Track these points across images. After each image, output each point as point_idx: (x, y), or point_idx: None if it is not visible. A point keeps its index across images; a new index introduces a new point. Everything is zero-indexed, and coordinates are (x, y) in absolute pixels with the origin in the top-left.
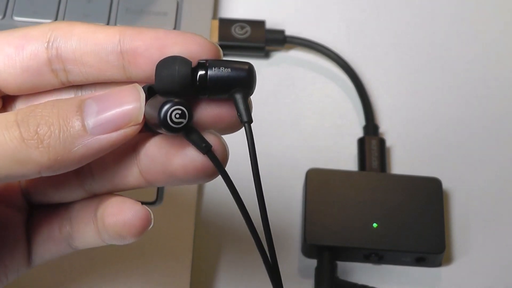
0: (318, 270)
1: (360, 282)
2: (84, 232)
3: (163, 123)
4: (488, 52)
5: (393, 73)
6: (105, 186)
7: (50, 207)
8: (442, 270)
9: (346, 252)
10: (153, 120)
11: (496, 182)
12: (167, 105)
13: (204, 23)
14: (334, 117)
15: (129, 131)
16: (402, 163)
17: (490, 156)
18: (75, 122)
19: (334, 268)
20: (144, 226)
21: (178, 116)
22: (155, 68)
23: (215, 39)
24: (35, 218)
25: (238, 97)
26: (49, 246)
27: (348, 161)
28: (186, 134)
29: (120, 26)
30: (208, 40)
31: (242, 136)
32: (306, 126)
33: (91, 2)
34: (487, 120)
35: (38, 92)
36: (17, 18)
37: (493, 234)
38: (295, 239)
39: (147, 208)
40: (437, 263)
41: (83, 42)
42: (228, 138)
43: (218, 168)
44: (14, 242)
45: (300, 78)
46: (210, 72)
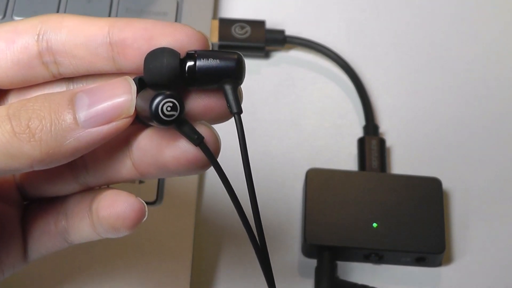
0: (318, 270)
1: (360, 282)
2: (79, 226)
3: (155, 116)
4: (488, 52)
5: (393, 73)
6: (99, 179)
7: (45, 202)
8: (442, 270)
9: (346, 252)
10: (144, 112)
11: (496, 182)
12: (158, 98)
13: (204, 23)
14: (334, 117)
15: (120, 124)
16: (402, 163)
17: (490, 156)
18: (67, 115)
19: (334, 268)
20: (138, 218)
21: (169, 108)
22: (144, 60)
23: (215, 39)
24: (30, 213)
25: (228, 87)
26: (44, 240)
27: (348, 161)
28: (178, 126)
29: (109, 18)
30: (196, 30)
31: (234, 127)
32: (306, 126)
33: (91, 2)
34: (487, 120)
35: (30, 85)
36: (17, 18)
37: (493, 234)
38: (295, 239)
39: (141, 200)
40: (437, 263)
41: (73, 34)
42: (220, 129)
43: (210, 159)
44: (9, 237)
45: (300, 78)
46: (198, 63)
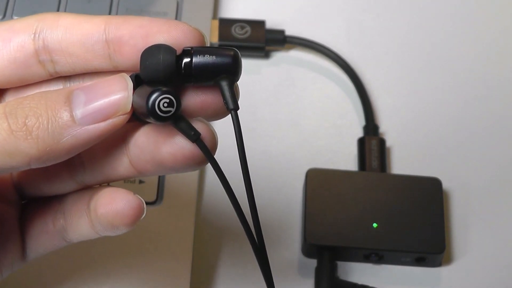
0: (318, 270)
1: (360, 282)
2: (77, 224)
3: (151, 113)
4: (488, 52)
5: (393, 73)
6: (96, 177)
7: (43, 201)
8: (442, 270)
9: (346, 252)
10: (141, 109)
11: (496, 182)
12: (155, 94)
13: (204, 23)
14: (334, 117)
15: (117, 121)
16: (402, 163)
17: (490, 156)
18: (63, 113)
19: (334, 268)
20: (136, 215)
21: (166, 105)
22: (140, 57)
23: (215, 39)
24: (28, 212)
25: (224, 84)
26: (43, 239)
27: (348, 161)
28: (175, 123)
29: (105, 16)
30: (192, 27)
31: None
32: (306, 126)
33: (91, 2)
34: (487, 120)
35: (27, 84)
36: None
37: (493, 234)
38: (295, 239)
39: (140, 197)
40: (437, 263)
41: (69, 32)
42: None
43: (207, 155)
44: (7, 237)
45: (300, 78)
46: (195, 59)
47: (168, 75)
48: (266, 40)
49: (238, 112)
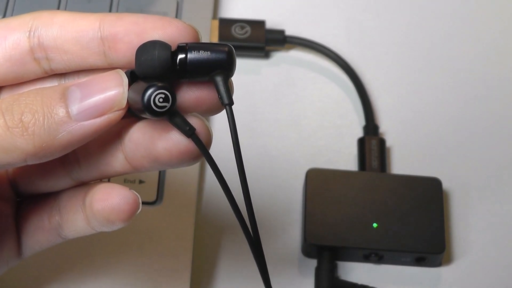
0: (318, 270)
1: (360, 282)
2: (73, 220)
3: (147, 108)
4: (488, 52)
5: (393, 73)
6: (91, 173)
7: (39, 197)
8: (442, 270)
9: (346, 252)
10: (136, 104)
11: (496, 182)
12: (150, 89)
13: (204, 23)
14: (334, 117)
15: (113, 117)
16: (402, 163)
17: (490, 156)
18: (59, 109)
19: (334, 268)
20: (132, 210)
21: (161, 100)
22: (135, 53)
23: (215, 39)
24: (24, 209)
25: (219, 79)
26: (38, 236)
27: (348, 161)
28: (170, 118)
29: (100, 13)
30: (187, 23)
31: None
32: (306, 126)
33: (91, 2)
34: (487, 120)
35: (22, 82)
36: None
37: (493, 234)
38: (295, 239)
39: (135, 192)
40: (437, 263)
41: (64, 29)
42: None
43: (202, 151)
44: (3, 234)
45: (300, 78)
46: (189, 55)
47: (163, 71)
48: (266, 40)
49: (233, 107)
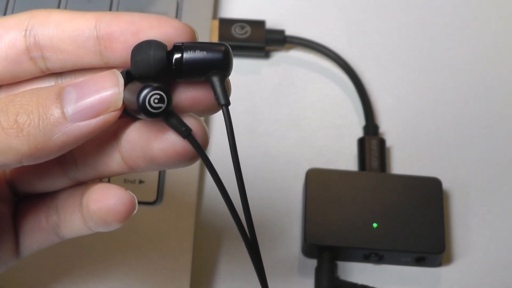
0: (318, 270)
1: (360, 282)
2: (70, 220)
3: (142, 109)
4: (488, 52)
5: (393, 73)
6: (88, 173)
7: (36, 197)
8: (442, 270)
9: (346, 252)
10: (132, 105)
11: (496, 182)
12: (145, 90)
13: (204, 23)
14: (334, 117)
15: (108, 117)
16: (402, 163)
17: (490, 156)
18: (54, 109)
19: (334, 268)
20: (128, 211)
21: (156, 101)
22: (131, 53)
23: (215, 39)
24: (22, 209)
25: (215, 79)
26: (36, 236)
27: (348, 161)
28: (166, 119)
29: (96, 12)
30: (183, 23)
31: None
32: (306, 126)
33: (91, 2)
34: (487, 120)
35: (18, 81)
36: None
37: (493, 234)
38: (295, 239)
39: (131, 193)
40: (437, 263)
41: (60, 29)
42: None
43: (199, 151)
44: (0, 234)
45: (300, 78)
46: (185, 55)
47: (159, 71)
48: (266, 40)
49: (232, 107)
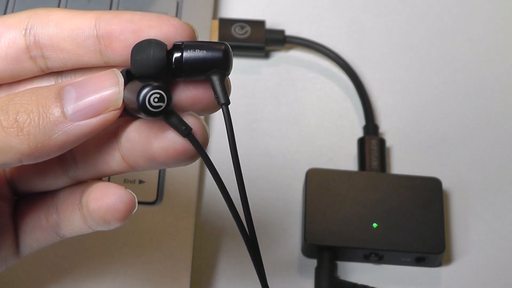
0: (318, 270)
1: (360, 282)
2: (70, 219)
3: (142, 108)
4: (488, 52)
5: (393, 73)
6: (88, 172)
7: (36, 196)
8: (442, 270)
9: (346, 252)
10: (132, 104)
11: (496, 182)
12: (145, 89)
13: (204, 23)
14: (334, 117)
15: (108, 116)
16: (402, 163)
17: (490, 156)
18: (54, 109)
19: (334, 268)
20: (128, 210)
21: (156, 100)
22: (131, 52)
23: (215, 39)
24: (22, 208)
25: (215, 78)
26: (36, 235)
27: (348, 161)
28: (166, 118)
29: (96, 11)
30: (183, 22)
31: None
32: (306, 126)
33: (91, 1)
34: (487, 120)
35: (18, 80)
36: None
37: (493, 234)
38: (295, 239)
39: (131, 192)
40: (437, 263)
41: (60, 27)
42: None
43: (199, 150)
44: (0, 232)
45: (300, 78)
46: (185, 54)
47: (159, 70)
48: (266, 40)
49: (232, 107)
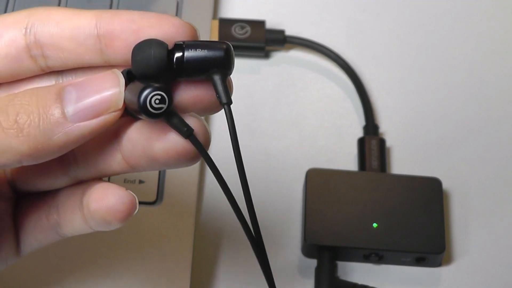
0: (318, 270)
1: (360, 282)
2: (71, 219)
3: (143, 109)
4: (488, 52)
5: (393, 73)
6: (89, 172)
7: (37, 196)
8: (442, 270)
9: (346, 252)
10: (133, 105)
11: (496, 182)
12: (146, 90)
13: (204, 23)
14: (334, 117)
15: (109, 117)
16: (402, 163)
17: (490, 156)
18: (55, 110)
19: (334, 268)
20: (128, 210)
21: (157, 101)
22: (131, 52)
23: (215, 39)
24: (22, 207)
25: (217, 78)
26: (37, 234)
27: (348, 161)
28: (167, 119)
29: (97, 10)
30: (184, 21)
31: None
32: (306, 126)
33: (91, 2)
34: (487, 120)
35: (18, 79)
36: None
37: (493, 234)
38: (295, 239)
39: (132, 193)
40: (437, 263)
41: (60, 27)
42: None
43: (201, 151)
44: (1, 232)
45: (300, 78)
46: (187, 53)
47: (159, 70)
48: (266, 40)
49: (232, 107)
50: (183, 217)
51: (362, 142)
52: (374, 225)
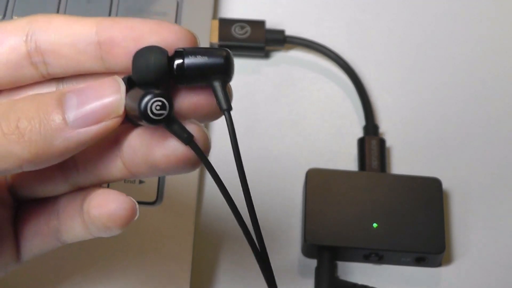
0: (318, 270)
1: (360, 282)
2: (71, 225)
3: (144, 116)
4: (488, 52)
5: (393, 73)
6: (89, 178)
7: (37, 202)
8: (442, 270)
9: (346, 252)
10: (133, 112)
11: (496, 182)
12: (147, 97)
13: (204, 23)
14: (334, 117)
15: (110, 124)
16: (402, 163)
17: (490, 156)
18: (56, 115)
19: (334, 268)
20: (129, 216)
21: (158, 108)
22: (132, 59)
23: (215, 39)
24: (22, 214)
25: (217, 84)
26: (37, 241)
27: (348, 161)
28: (167, 125)
29: (97, 17)
30: (184, 28)
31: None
32: (306, 126)
33: (91, 2)
34: (487, 120)
35: (19, 86)
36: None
37: (493, 234)
38: (295, 239)
39: (132, 199)
40: (437, 263)
41: (61, 34)
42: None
43: (201, 158)
44: (1, 238)
45: (300, 78)
46: (187, 60)
47: (160, 77)
48: (266, 40)
49: (232, 107)
50: (183, 217)
51: (362, 142)
52: (374, 225)
